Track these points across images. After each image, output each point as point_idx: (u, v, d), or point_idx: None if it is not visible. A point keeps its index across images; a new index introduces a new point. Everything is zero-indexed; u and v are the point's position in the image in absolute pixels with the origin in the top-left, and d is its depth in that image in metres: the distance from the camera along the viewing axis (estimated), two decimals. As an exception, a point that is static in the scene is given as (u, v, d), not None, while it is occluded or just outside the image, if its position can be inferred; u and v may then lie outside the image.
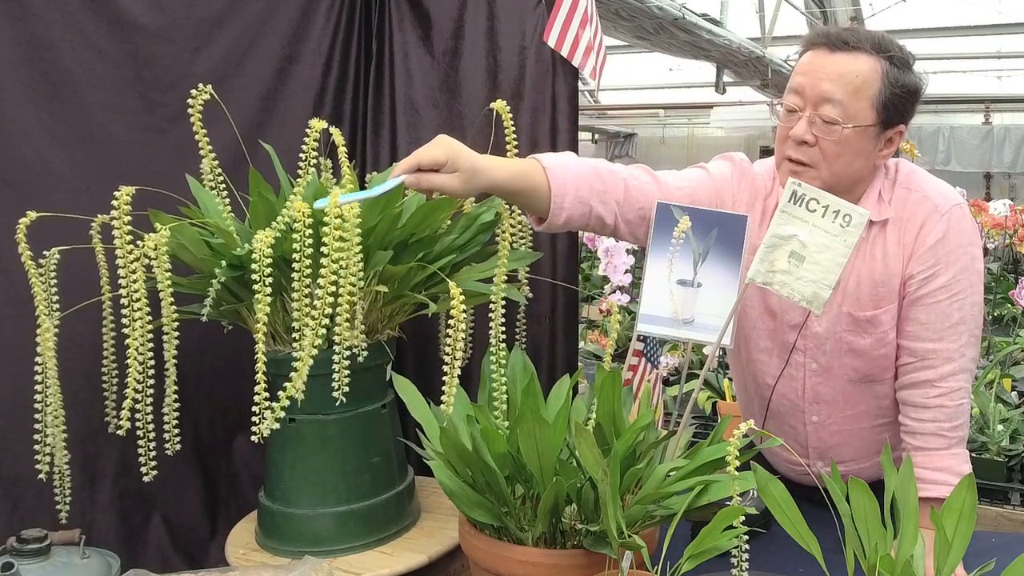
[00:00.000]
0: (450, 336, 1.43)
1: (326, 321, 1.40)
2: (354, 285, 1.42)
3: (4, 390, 1.61)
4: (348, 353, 1.50)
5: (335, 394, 1.47)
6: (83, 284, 1.62)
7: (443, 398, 1.45)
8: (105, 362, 1.62)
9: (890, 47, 1.50)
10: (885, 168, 1.63)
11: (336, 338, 1.45)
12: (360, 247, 1.44)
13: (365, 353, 1.57)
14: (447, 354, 1.45)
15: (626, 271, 3.53)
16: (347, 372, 1.49)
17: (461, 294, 1.41)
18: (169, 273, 1.48)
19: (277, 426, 1.42)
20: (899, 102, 1.50)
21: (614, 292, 3.46)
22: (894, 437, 1.63)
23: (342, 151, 1.53)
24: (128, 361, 1.45)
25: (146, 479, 1.53)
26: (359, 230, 1.43)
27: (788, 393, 1.72)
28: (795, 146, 1.53)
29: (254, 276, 1.40)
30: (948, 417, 1.57)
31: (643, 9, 5.64)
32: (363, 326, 1.57)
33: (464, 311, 1.44)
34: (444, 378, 1.45)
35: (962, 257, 1.55)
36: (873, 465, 1.69)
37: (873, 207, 1.58)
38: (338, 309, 1.41)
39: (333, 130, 1.54)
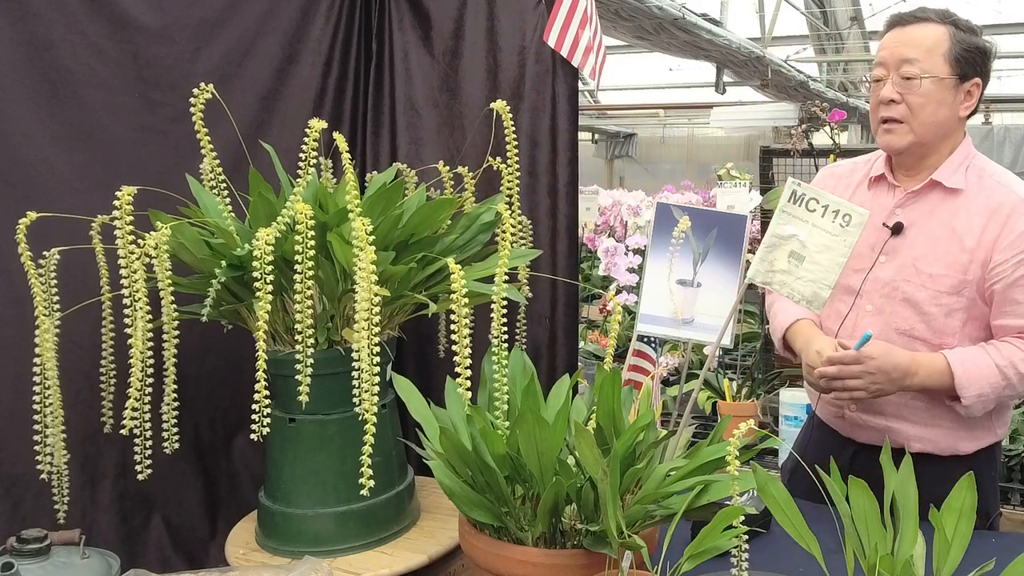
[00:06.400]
0: (454, 322, 1.43)
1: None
2: (375, 292, 1.40)
3: (4, 390, 1.61)
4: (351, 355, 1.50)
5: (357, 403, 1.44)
6: (83, 284, 1.62)
7: (459, 390, 1.44)
8: (104, 362, 1.62)
9: (953, 16, 1.74)
10: (969, 150, 1.77)
11: (355, 344, 1.44)
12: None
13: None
14: (454, 343, 1.43)
15: (630, 269, 3.53)
16: (349, 373, 1.48)
17: (463, 279, 1.40)
18: (169, 273, 1.48)
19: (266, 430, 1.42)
20: (969, 57, 1.71)
21: (619, 292, 3.46)
22: (928, 406, 1.72)
23: (346, 157, 1.52)
24: (131, 361, 1.45)
25: (140, 477, 1.53)
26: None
27: (834, 328, 1.78)
28: (885, 107, 1.72)
29: (255, 275, 1.40)
30: (1020, 360, 1.65)
31: (643, 9, 5.63)
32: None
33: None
34: (456, 369, 1.43)
35: None
36: (901, 429, 1.75)
37: (955, 172, 1.73)
38: (358, 315, 1.40)
39: (337, 135, 1.54)
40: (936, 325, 1.71)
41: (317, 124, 1.58)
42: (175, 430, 1.55)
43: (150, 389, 1.48)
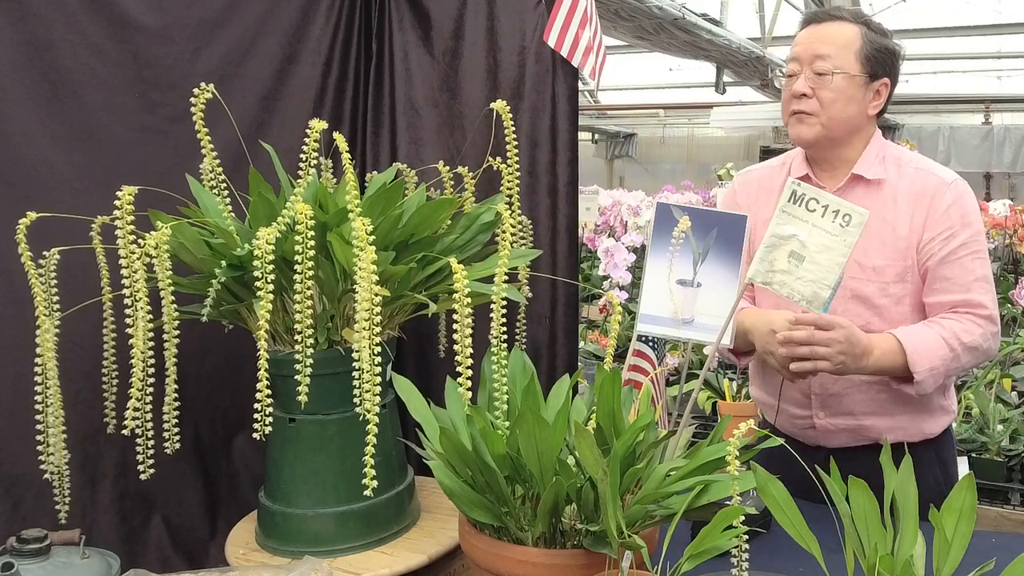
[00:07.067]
0: (455, 322, 1.43)
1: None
2: (375, 292, 1.40)
3: (4, 390, 1.61)
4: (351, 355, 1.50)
5: (357, 406, 1.44)
6: (83, 284, 1.62)
7: (459, 390, 1.44)
8: (105, 362, 1.62)
9: (865, 17, 1.82)
10: (882, 142, 1.84)
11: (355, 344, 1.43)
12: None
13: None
14: (454, 343, 1.43)
15: (627, 268, 3.53)
16: (349, 373, 1.48)
17: (465, 278, 1.40)
18: (170, 273, 1.48)
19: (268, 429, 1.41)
20: (880, 57, 1.78)
21: (614, 289, 3.46)
22: (893, 396, 1.76)
23: (346, 157, 1.52)
24: (132, 361, 1.45)
25: (143, 477, 1.53)
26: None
27: None
28: (797, 100, 1.78)
29: (256, 275, 1.40)
30: (961, 331, 1.69)
31: (643, 9, 5.63)
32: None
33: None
34: (457, 369, 1.43)
35: (974, 222, 1.76)
36: (873, 424, 1.80)
37: (873, 164, 1.79)
38: (358, 315, 1.40)
39: (337, 135, 1.54)
40: (889, 316, 1.75)
41: (317, 124, 1.58)
42: (176, 430, 1.55)
43: (151, 389, 1.48)
